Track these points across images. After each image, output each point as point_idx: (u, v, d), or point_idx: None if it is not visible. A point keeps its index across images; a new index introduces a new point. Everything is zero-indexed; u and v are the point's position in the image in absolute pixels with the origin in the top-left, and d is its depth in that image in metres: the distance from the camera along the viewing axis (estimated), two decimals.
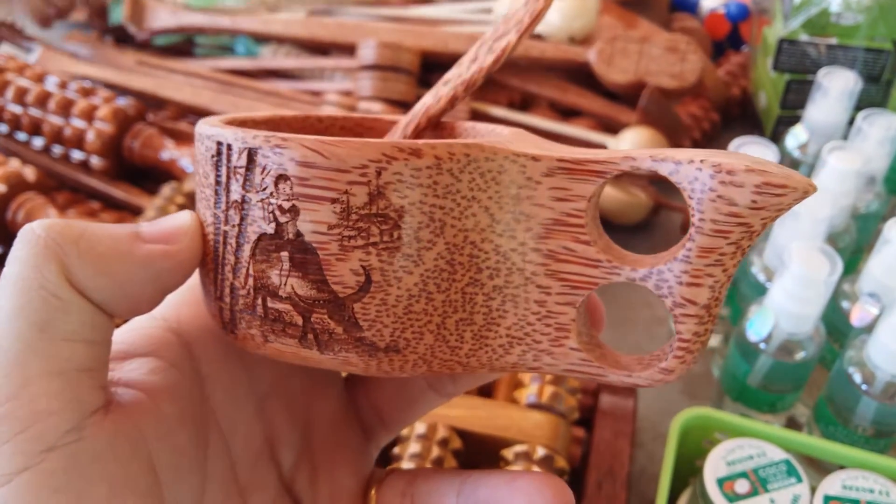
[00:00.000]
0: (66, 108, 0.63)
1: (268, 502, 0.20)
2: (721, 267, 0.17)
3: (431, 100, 0.21)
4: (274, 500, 0.21)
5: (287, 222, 0.17)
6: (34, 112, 0.64)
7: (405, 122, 0.22)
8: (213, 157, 0.18)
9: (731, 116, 0.76)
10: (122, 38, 0.82)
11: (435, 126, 0.23)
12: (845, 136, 0.54)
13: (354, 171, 0.16)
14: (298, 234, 0.17)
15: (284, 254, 0.17)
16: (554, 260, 0.18)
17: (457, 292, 0.18)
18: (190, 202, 0.56)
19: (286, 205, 0.17)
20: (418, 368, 0.18)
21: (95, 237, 0.16)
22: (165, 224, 0.18)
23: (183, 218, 0.18)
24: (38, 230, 0.16)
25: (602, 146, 0.63)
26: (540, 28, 0.67)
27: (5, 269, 0.16)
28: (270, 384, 0.21)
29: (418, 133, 0.21)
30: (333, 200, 0.16)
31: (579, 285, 0.18)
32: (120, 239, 0.17)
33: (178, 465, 0.18)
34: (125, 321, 0.20)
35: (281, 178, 0.17)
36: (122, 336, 0.19)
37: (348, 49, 0.69)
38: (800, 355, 0.42)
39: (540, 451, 0.37)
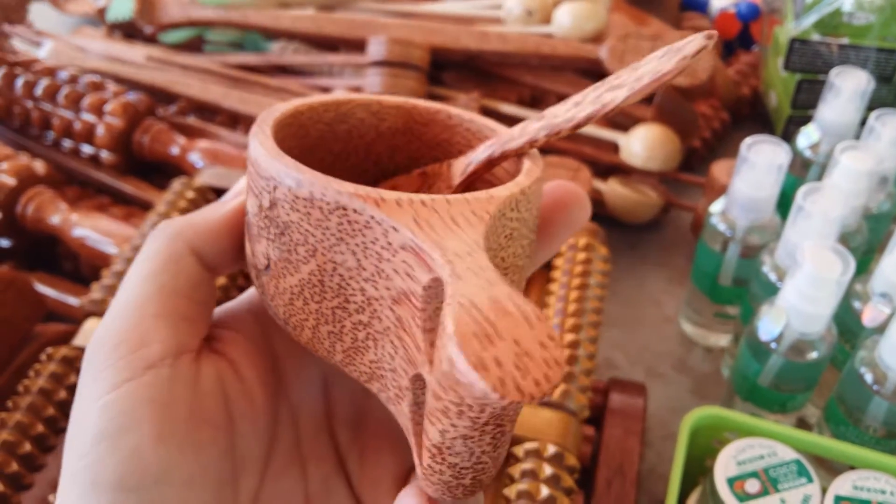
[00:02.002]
0: (75, 103, 0.63)
1: (324, 473, 0.23)
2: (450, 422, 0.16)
3: (512, 135, 0.20)
4: (329, 473, 0.23)
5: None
6: (44, 106, 0.64)
7: (482, 149, 0.21)
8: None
9: (742, 116, 0.76)
10: (131, 33, 0.82)
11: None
12: (857, 136, 0.54)
13: (266, 181, 0.19)
14: (250, 214, 0.21)
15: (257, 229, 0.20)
16: (401, 327, 0.18)
17: (328, 309, 0.19)
18: (200, 196, 0.56)
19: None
20: (314, 352, 0.20)
21: (211, 217, 0.22)
22: (236, 187, 0.23)
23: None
24: (171, 221, 0.22)
25: (613, 143, 0.63)
26: (551, 31, 0.67)
27: (144, 247, 0.22)
28: (333, 367, 0.23)
29: (488, 163, 0.21)
30: (256, 195, 0.20)
31: (412, 361, 0.18)
32: (218, 210, 0.22)
33: (251, 418, 0.21)
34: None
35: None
36: (215, 313, 0.23)
37: (358, 45, 0.69)
38: (811, 355, 0.42)
39: (550, 449, 0.37)
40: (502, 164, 0.22)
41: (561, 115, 0.19)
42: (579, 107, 0.19)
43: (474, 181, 0.22)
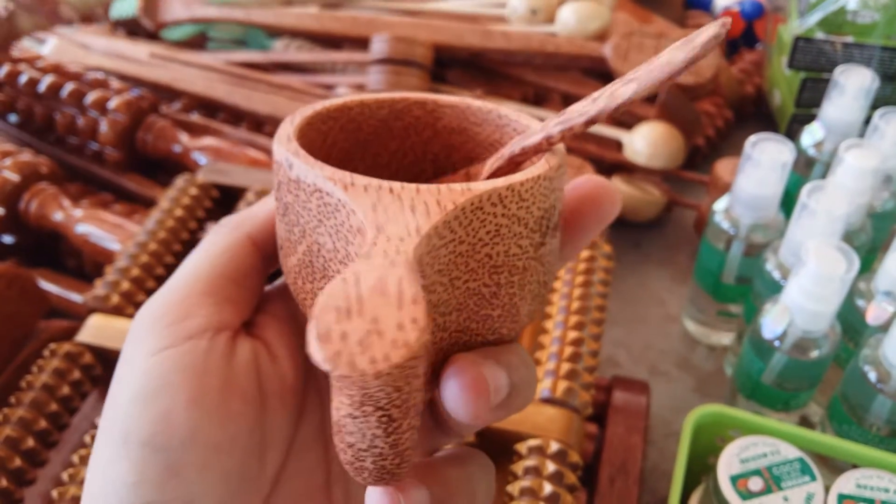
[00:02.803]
0: (79, 100, 0.63)
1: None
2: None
3: (533, 132, 0.20)
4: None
5: None
6: (47, 103, 0.64)
7: (507, 147, 0.21)
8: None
9: (745, 115, 0.76)
10: (134, 30, 0.82)
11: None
12: (861, 135, 0.53)
13: (276, 164, 0.20)
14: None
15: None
16: None
17: (318, 290, 0.20)
18: (203, 193, 0.56)
19: None
20: None
21: (264, 207, 0.23)
22: None
23: None
24: (233, 215, 0.23)
25: (617, 141, 0.63)
26: (555, 30, 0.67)
27: (208, 235, 0.23)
28: None
29: (511, 161, 0.21)
30: (275, 173, 0.21)
31: None
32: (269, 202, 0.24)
33: (281, 396, 0.22)
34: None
35: None
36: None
37: (361, 43, 0.69)
38: (815, 353, 0.42)
39: (554, 446, 0.37)
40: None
41: (576, 110, 0.19)
42: (595, 102, 0.19)
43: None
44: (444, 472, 0.21)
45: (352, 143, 0.23)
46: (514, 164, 0.21)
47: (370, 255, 0.16)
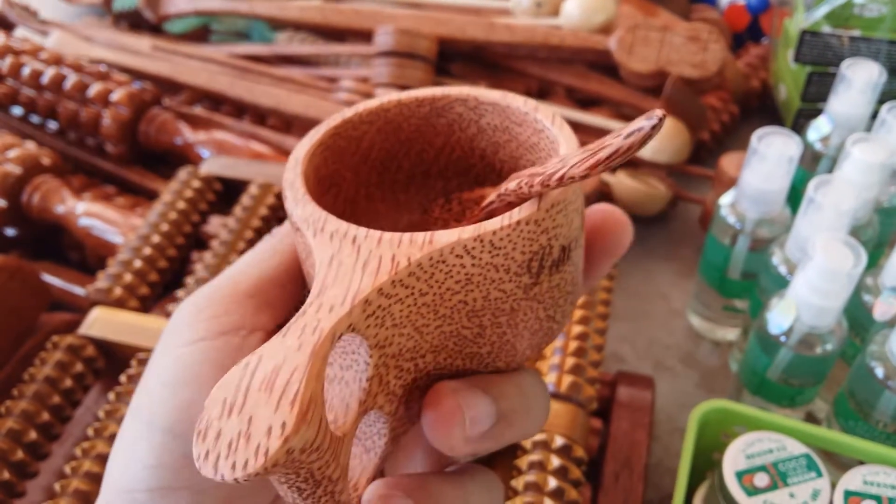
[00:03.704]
0: (81, 92, 0.63)
1: None
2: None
3: (508, 184, 0.19)
4: None
5: None
6: (49, 95, 0.64)
7: (495, 193, 0.21)
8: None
9: (751, 109, 0.76)
10: (136, 23, 0.82)
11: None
12: (869, 129, 0.53)
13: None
14: None
15: None
16: None
17: None
18: (205, 186, 0.56)
19: None
20: None
21: None
22: None
23: None
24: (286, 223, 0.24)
25: None
26: (559, 23, 0.67)
27: (262, 240, 0.24)
28: None
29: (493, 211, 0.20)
30: None
31: None
32: None
33: None
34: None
35: None
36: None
37: (365, 35, 0.69)
38: (821, 349, 0.42)
39: (558, 441, 0.37)
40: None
41: (540, 171, 0.18)
42: (553, 166, 0.18)
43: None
44: (437, 488, 0.20)
45: (392, 142, 0.23)
46: (509, 205, 0.20)
47: (288, 331, 0.16)
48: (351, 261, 0.17)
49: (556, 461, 0.37)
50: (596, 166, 0.16)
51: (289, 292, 0.23)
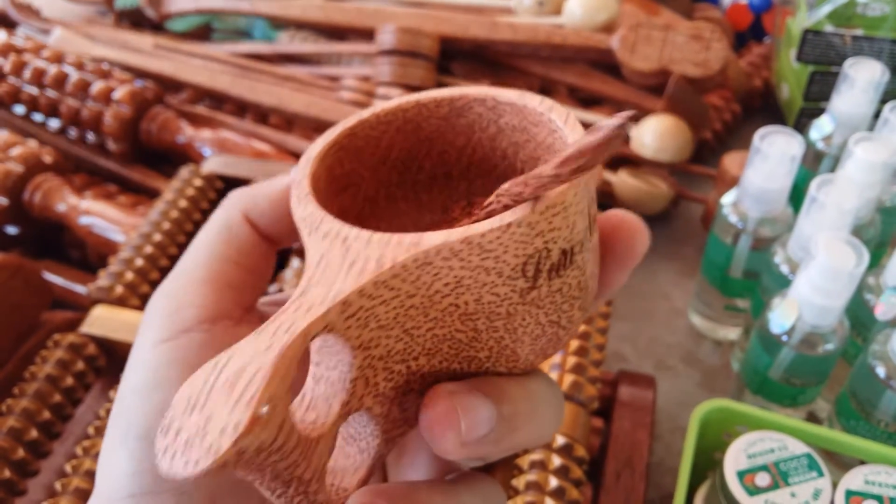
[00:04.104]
0: (83, 90, 0.63)
1: None
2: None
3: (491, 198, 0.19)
4: None
5: None
6: (51, 93, 0.64)
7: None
8: None
9: (753, 108, 0.76)
10: (138, 21, 0.82)
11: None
12: (871, 128, 0.53)
13: None
14: None
15: None
16: None
17: None
18: (207, 184, 0.56)
19: None
20: None
21: (269, 187, 0.23)
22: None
23: None
24: (235, 191, 0.23)
25: None
26: (562, 21, 0.67)
27: (212, 214, 0.23)
28: None
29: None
30: None
31: None
32: (280, 179, 0.23)
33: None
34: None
35: None
36: (274, 298, 0.24)
37: (367, 34, 0.69)
38: (823, 348, 0.42)
39: (559, 440, 0.37)
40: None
41: (508, 188, 0.18)
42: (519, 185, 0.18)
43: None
44: (426, 497, 0.19)
45: (412, 143, 0.23)
46: (505, 207, 0.19)
47: (263, 330, 0.16)
48: (338, 261, 0.17)
49: (557, 460, 0.37)
50: (565, 163, 0.16)
51: (249, 267, 0.22)
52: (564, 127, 0.20)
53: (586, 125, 0.18)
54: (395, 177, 0.23)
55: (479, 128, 0.22)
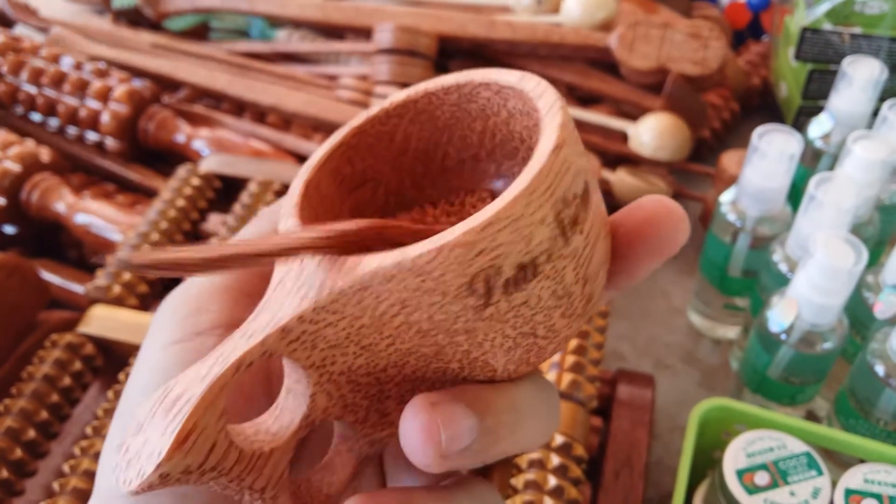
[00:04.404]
0: (81, 90, 0.63)
1: None
2: None
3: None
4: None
5: None
6: (49, 93, 0.64)
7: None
8: None
9: (751, 106, 0.76)
10: (135, 20, 0.82)
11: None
12: (870, 126, 0.53)
13: None
14: None
15: None
16: None
17: None
18: (205, 184, 0.56)
19: None
20: None
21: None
22: None
23: None
24: (274, 204, 0.22)
25: (622, 133, 0.62)
26: (560, 20, 0.67)
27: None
28: None
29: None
30: None
31: None
32: None
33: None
34: None
35: None
36: None
37: (364, 33, 0.69)
38: (822, 347, 0.42)
39: (558, 439, 0.37)
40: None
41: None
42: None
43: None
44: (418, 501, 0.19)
45: (430, 131, 0.22)
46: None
47: (209, 356, 0.17)
48: (290, 284, 0.18)
49: (555, 459, 0.37)
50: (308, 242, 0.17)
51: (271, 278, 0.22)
52: (545, 117, 0.19)
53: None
54: (419, 166, 0.23)
55: (491, 112, 0.22)
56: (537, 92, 0.19)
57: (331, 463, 0.20)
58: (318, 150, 0.21)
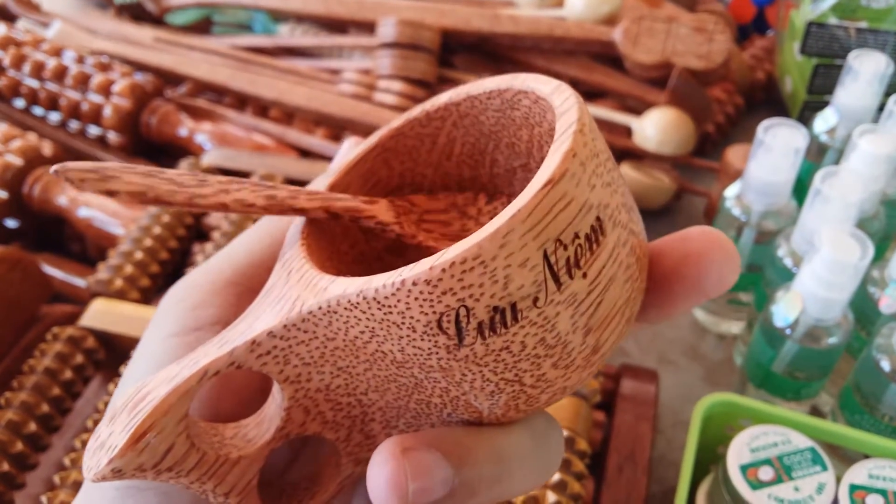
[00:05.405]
0: (83, 83, 0.63)
1: None
2: None
3: None
4: None
5: None
6: (51, 87, 0.64)
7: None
8: None
9: (756, 101, 0.75)
10: (138, 15, 0.81)
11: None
12: (875, 121, 0.53)
13: None
14: None
15: None
16: None
17: None
18: None
19: None
20: None
21: None
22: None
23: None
24: None
25: (626, 127, 0.62)
26: (564, 14, 0.66)
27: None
28: None
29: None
30: None
31: None
32: None
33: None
34: None
35: None
36: None
37: (367, 27, 0.69)
38: (827, 342, 0.41)
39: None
40: None
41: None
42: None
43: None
44: None
45: (476, 136, 0.21)
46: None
47: (184, 359, 0.17)
48: (274, 296, 0.18)
49: None
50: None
51: None
52: (556, 141, 0.17)
53: None
54: (467, 172, 0.22)
55: (534, 121, 0.20)
56: (561, 109, 0.17)
57: (316, 475, 0.20)
58: (348, 154, 0.21)
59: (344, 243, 0.21)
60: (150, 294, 0.49)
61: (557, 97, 0.18)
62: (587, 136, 0.16)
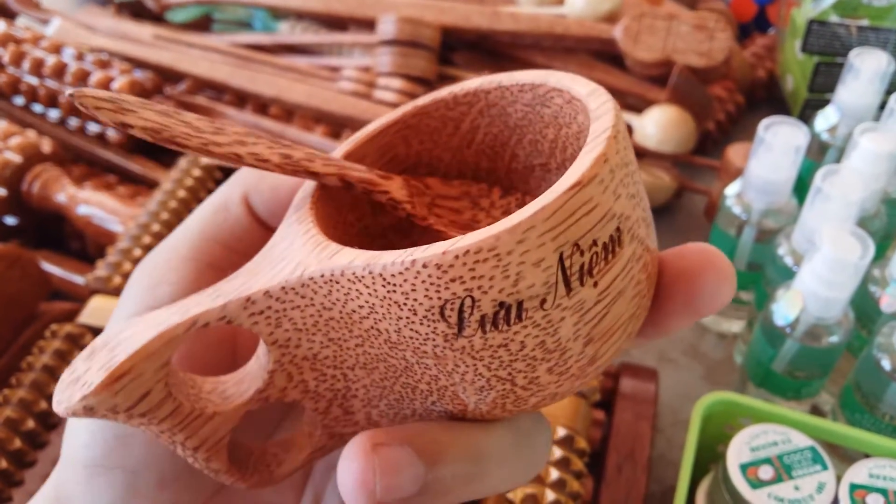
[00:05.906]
0: (82, 80, 0.63)
1: None
2: None
3: None
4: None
5: None
6: (51, 84, 0.64)
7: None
8: None
9: (757, 99, 0.75)
10: (137, 12, 0.81)
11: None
12: (877, 119, 0.52)
13: None
14: None
15: None
16: None
17: None
18: (206, 175, 0.56)
19: None
20: None
21: (271, 175, 0.21)
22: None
23: None
24: (242, 169, 0.22)
25: (626, 125, 0.62)
26: (564, 12, 0.66)
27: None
28: None
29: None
30: None
31: None
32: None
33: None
34: None
35: None
36: None
37: (367, 24, 0.68)
38: (827, 341, 0.41)
39: (560, 432, 0.37)
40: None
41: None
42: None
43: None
44: None
45: (500, 128, 0.21)
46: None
47: (174, 305, 0.17)
48: (276, 254, 0.17)
49: (557, 452, 0.36)
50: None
51: (239, 250, 0.21)
52: (588, 143, 0.16)
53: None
54: (484, 162, 0.22)
55: (563, 122, 0.20)
56: (597, 113, 0.17)
57: (289, 441, 0.20)
58: (371, 125, 0.20)
59: (351, 214, 0.21)
60: None
61: (594, 100, 0.17)
62: (620, 144, 0.16)
